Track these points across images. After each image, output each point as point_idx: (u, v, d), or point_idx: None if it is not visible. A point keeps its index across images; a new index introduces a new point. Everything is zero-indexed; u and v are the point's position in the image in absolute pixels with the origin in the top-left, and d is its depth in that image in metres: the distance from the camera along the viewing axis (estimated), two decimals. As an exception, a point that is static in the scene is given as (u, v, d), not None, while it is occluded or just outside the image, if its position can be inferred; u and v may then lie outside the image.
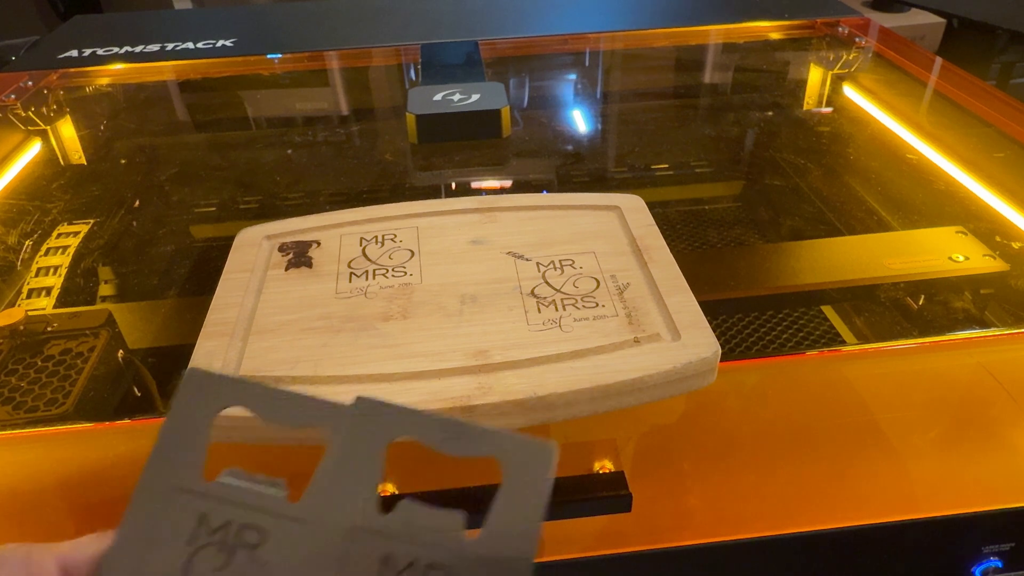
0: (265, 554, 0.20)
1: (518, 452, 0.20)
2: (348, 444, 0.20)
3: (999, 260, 0.49)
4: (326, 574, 0.19)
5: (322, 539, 0.20)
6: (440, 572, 0.19)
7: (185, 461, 0.20)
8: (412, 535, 0.20)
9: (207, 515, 0.20)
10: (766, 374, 0.41)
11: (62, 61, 0.83)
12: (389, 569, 0.19)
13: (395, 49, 0.87)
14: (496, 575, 0.19)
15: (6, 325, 0.45)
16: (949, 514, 0.33)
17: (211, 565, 0.19)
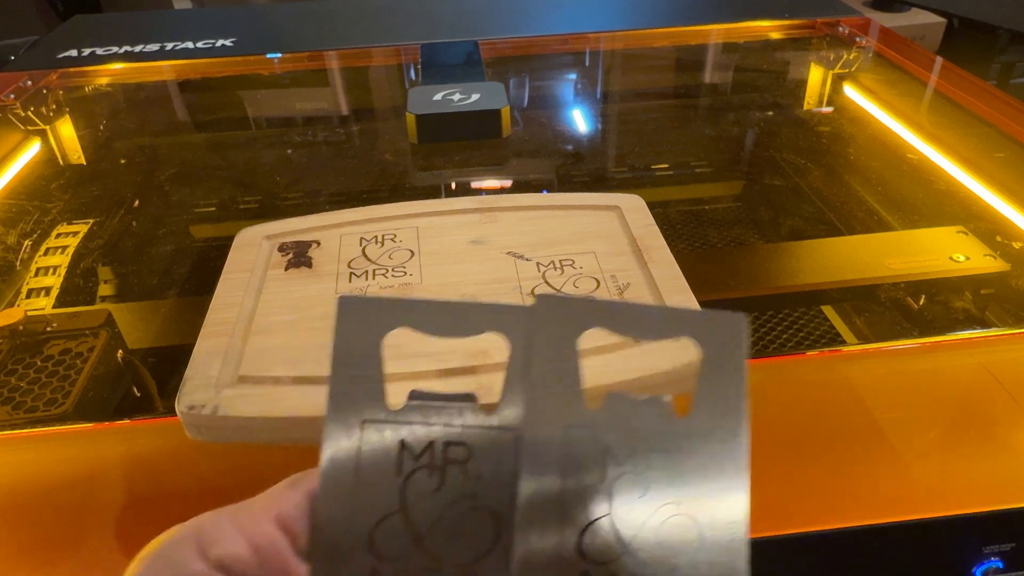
0: (477, 467, 0.19)
1: (711, 327, 0.19)
2: (538, 344, 0.19)
3: (1000, 260, 0.49)
4: (548, 478, 0.19)
5: (534, 444, 0.19)
6: (659, 455, 0.19)
7: (366, 393, 0.19)
8: (625, 424, 0.19)
9: (407, 441, 0.19)
10: (766, 374, 0.41)
11: (62, 61, 0.83)
12: (612, 462, 0.19)
13: (395, 49, 0.86)
14: (711, 451, 0.20)
15: (5, 325, 0.45)
16: (949, 514, 0.33)
17: (427, 489, 0.19)
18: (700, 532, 0.19)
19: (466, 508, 0.19)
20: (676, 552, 0.19)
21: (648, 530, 0.19)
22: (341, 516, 0.19)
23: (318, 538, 0.19)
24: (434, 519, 0.19)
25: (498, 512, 0.19)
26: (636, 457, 0.19)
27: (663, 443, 0.19)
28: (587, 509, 0.19)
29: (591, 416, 0.19)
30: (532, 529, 0.18)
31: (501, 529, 0.19)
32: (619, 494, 0.19)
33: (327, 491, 0.19)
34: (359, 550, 0.19)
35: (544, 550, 0.18)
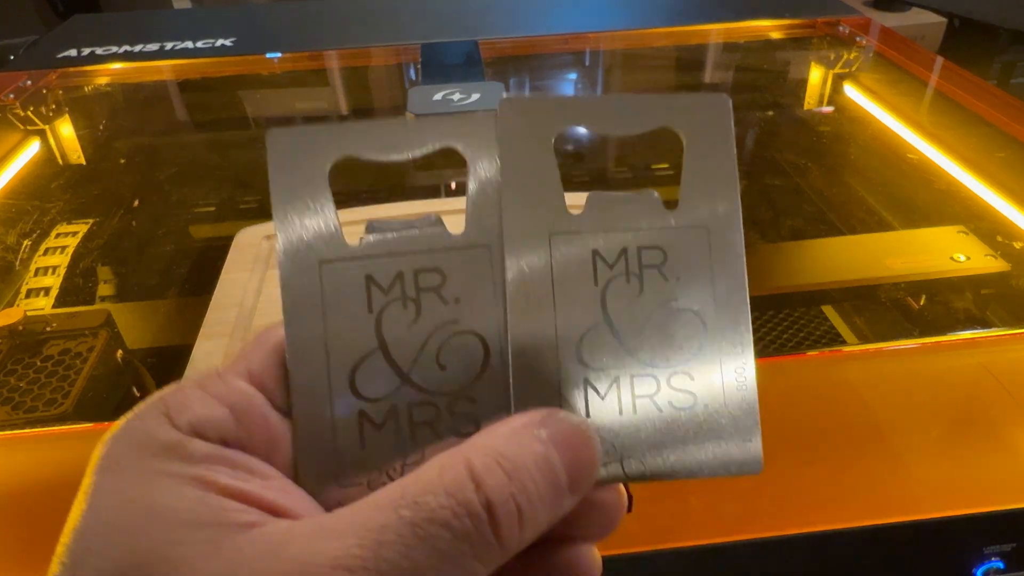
0: (454, 291, 0.18)
1: (692, 113, 0.18)
2: (508, 150, 0.18)
3: (1000, 260, 0.49)
4: (536, 289, 0.18)
5: (516, 255, 0.18)
6: (655, 252, 0.18)
7: (318, 232, 0.18)
8: (612, 224, 0.18)
9: (373, 276, 0.18)
10: (766, 374, 0.41)
11: (61, 60, 0.83)
12: (603, 264, 0.18)
13: (395, 49, 0.86)
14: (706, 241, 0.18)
15: (5, 325, 0.45)
16: (950, 515, 0.33)
17: (404, 322, 0.18)
18: (703, 323, 0.18)
19: (448, 335, 0.18)
20: (681, 347, 0.18)
21: (649, 329, 0.18)
22: (316, 364, 0.17)
23: (296, 390, 0.17)
24: (416, 351, 0.18)
25: (483, 333, 0.18)
26: (627, 257, 0.18)
27: (654, 239, 0.18)
28: (581, 316, 0.18)
29: (575, 220, 0.18)
30: (526, 344, 0.18)
31: (489, 350, 0.18)
32: (613, 297, 0.18)
33: (295, 341, 0.17)
34: (342, 395, 0.18)
35: (541, 364, 0.18)
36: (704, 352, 0.18)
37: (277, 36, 0.91)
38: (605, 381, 0.18)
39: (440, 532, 0.14)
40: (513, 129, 0.18)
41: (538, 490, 0.15)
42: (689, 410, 0.18)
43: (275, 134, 0.18)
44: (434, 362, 0.18)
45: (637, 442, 0.18)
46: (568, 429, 0.16)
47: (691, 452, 0.18)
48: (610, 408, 0.18)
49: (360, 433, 0.18)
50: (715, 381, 0.18)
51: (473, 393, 0.18)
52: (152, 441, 0.15)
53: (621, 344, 0.18)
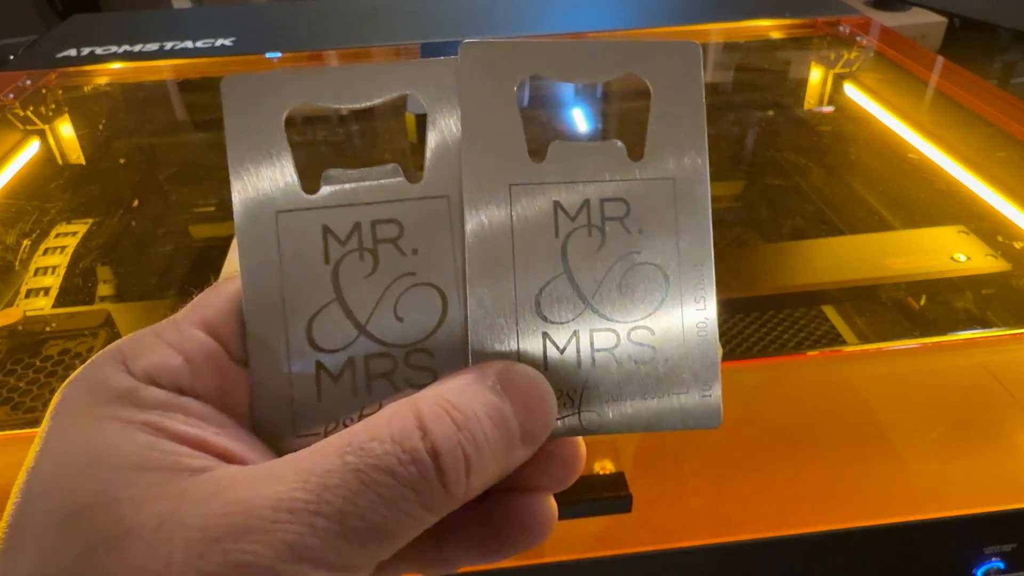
0: (411, 242, 0.18)
1: (660, 59, 0.18)
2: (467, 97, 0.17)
3: (1001, 260, 0.49)
4: (495, 239, 0.17)
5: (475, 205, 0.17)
6: (617, 203, 0.18)
7: (274, 181, 0.18)
8: (575, 175, 0.18)
9: (329, 226, 0.18)
10: (766, 374, 0.41)
11: (60, 60, 0.83)
12: (564, 216, 0.18)
13: (395, 49, 0.86)
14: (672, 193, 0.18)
15: (5, 325, 0.45)
16: (951, 515, 0.33)
17: (360, 273, 0.18)
18: (665, 277, 0.18)
19: (406, 286, 0.18)
20: (642, 301, 0.18)
21: (609, 283, 0.18)
22: (272, 315, 0.17)
23: (253, 341, 0.17)
24: (374, 303, 0.18)
25: (441, 285, 0.18)
26: (589, 209, 0.18)
27: (618, 191, 0.18)
28: (541, 269, 0.18)
29: (536, 170, 0.18)
30: (484, 296, 0.17)
31: (447, 302, 0.18)
32: (574, 249, 0.18)
33: (252, 291, 0.17)
34: (299, 347, 0.17)
35: (499, 316, 0.17)
36: (665, 306, 0.18)
37: (277, 36, 0.91)
38: (564, 334, 0.18)
39: (384, 478, 0.14)
40: (474, 75, 0.18)
41: (488, 440, 0.15)
42: (649, 364, 0.18)
43: (230, 81, 0.18)
44: (391, 314, 0.18)
45: (595, 395, 0.18)
46: (522, 381, 0.17)
47: (650, 405, 0.18)
48: (568, 361, 0.18)
49: (317, 384, 0.18)
50: (675, 336, 0.18)
51: (430, 345, 0.18)
52: (106, 387, 0.15)
53: (581, 297, 0.18)
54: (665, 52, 0.18)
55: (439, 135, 0.18)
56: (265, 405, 0.17)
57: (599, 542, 0.33)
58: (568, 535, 0.33)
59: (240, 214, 0.17)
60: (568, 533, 0.33)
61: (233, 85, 0.18)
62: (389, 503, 0.14)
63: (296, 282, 0.17)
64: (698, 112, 0.18)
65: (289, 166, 0.18)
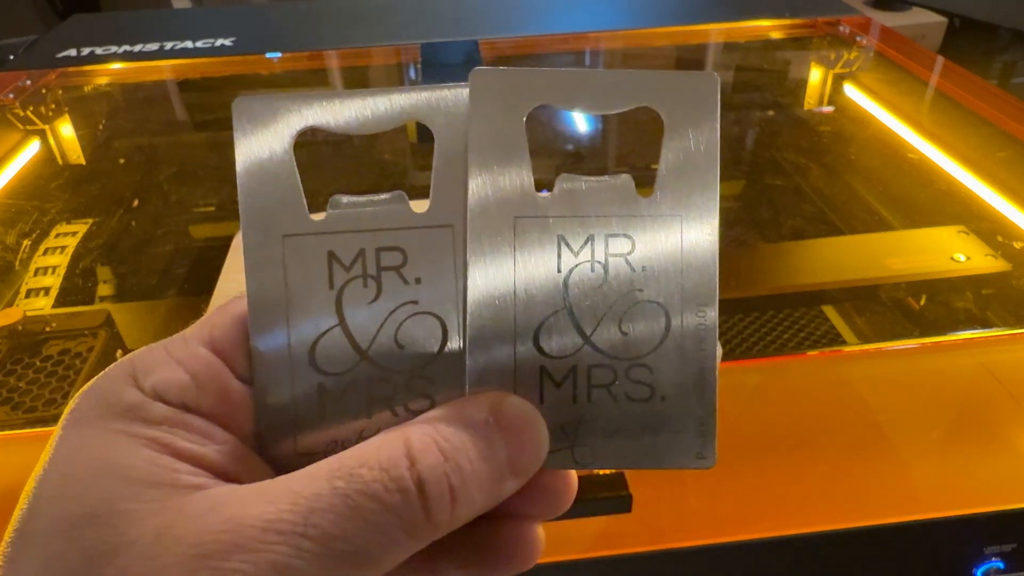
0: (415, 270, 0.18)
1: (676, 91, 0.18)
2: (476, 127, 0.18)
3: (1001, 260, 0.49)
4: (497, 273, 0.17)
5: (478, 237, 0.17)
6: (622, 240, 0.18)
7: (282, 204, 0.18)
8: (581, 209, 0.18)
9: (335, 251, 0.18)
10: (766, 374, 0.41)
11: (60, 60, 0.83)
12: (568, 251, 0.18)
13: (395, 48, 0.86)
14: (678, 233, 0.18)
15: (4, 325, 0.45)
16: (951, 515, 0.33)
17: (363, 299, 0.18)
18: (667, 318, 0.18)
19: (408, 314, 0.18)
20: (642, 339, 0.18)
21: (609, 320, 0.18)
22: (277, 336, 0.18)
23: (257, 360, 0.18)
24: (375, 329, 0.18)
25: (442, 314, 0.18)
26: (593, 245, 0.18)
27: (623, 228, 0.18)
28: (541, 303, 0.18)
29: (542, 204, 0.18)
30: (483, 328, 0.17)
31: (447, 331, 0.18)
32: (576, 285, 0.18)
33: (258, 312, 0.18)
34: (302, 369, 0.18)
35: (498, 348, 0.18)
36: (666, 346, 0.18)
37: (277, 36, 0.91)
38: (561, 369, 0.18)
39: (370, 504, 0.15)
40: (484, 103, 0.18)
41: (474, 471, 0.16)
42: (645, 403, 0.18)
43: (242, 102, 0.18)
44: (392, 341, 0.18)
45: (590, 431, 0.18)
46: (515, 413, 0.17)
47: (644, 443, 0.18)
48: (565, 396, 0.18)
49: (319, 405, 0.18)
50: (675, 376, 0.18)
51: (429, 373, 0.18)
52: (116, 401, 0.16)
53: (580, 333, 0.18)
54: (681, 84, 0.18)
55: (446, 164, 0.18)
56: (268, 424, 0.18)
57: (599, 542, 0.33)
58: (568, 535, 0.33)
59: (248, 236, 0.18)
60: (568, 533, 0.33)
61: (244, 105, 0.18)
62: (374, 528, 0.14)
63: (301, 305, 0.18)
64: (712, 147, 0.18)
65: (296, 190, 0.18)
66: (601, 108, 0.18)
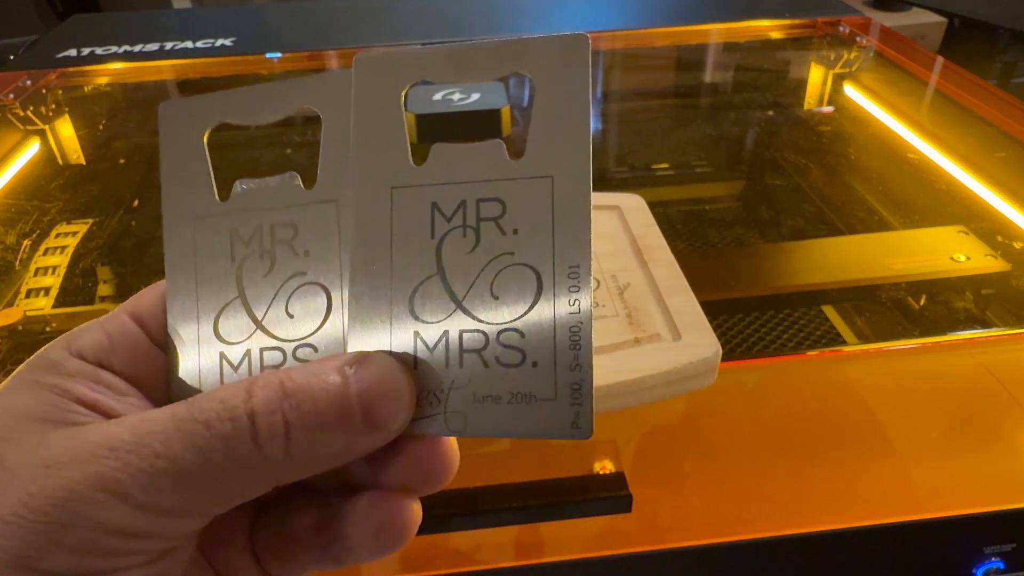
0: (304, 243, 0.19)
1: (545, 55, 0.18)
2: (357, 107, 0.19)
3: (1001, 260, 0.49)
4: (374, 242, 0.18)
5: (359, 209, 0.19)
6: (493, 204, 0.18)
7: (195, 189, 0.20)
8: (454, 176, 0.18)
9: (236, 229, 0.20)
10: (766, 374, 0.41)
11: (61, 60, 0.83)
12: (441, 217, 0.18)
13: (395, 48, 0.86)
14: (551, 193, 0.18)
15: (5, 325, 0.45)
16: (950, 515, 0.33)
17: (259, 273, 0.19)
18: (539, 281, 0.17)
19: (297, 285, 0.19)
20: (513, 303, 0.18)
21: (480, 284, 0.18)
22: (188, 309, 0.20)
23: (171, 330, 0.20)
24: (268, 300, 0.19)
25: (327, 284, 0.19)
26: (465, 209, 0.18)
27: (495, 191, 0.18)
28: (415, 269, 0.18)
29: (417, 173, 0.18)
30: (362, 295, 0.18)
31: (331, 300, 0.19)
32: (449, 250, 0.18)
33: (173, 287, 0.20)
34: (208, 338, 0.19)
35: (375, 315, 0.18)
36: (537, 309, 0.17)
37: (277, 36, 0.91)
38: (434, 334, 0.18)
39: (200, 430, 0.16)
40: (366, 85, 0.19)
41: (317, 411, 0.16)
42: (517, 368, 0.17)
43: (166, 106, 0.20)
44: (283, 311, 0.19)
45: (461, 397, 0.18)
46: (375, 367, 0.17)
47: (517, 412, 0.17)
48: (437, 360, 0.18)
49: (220, 371, 0.19)
50: (547, 341, 0.17)
51: (315, 340, 0.19)
52: (45, 359, 0.18)
53: (452, 298, 0.18)
54: (550, 47, 0.18)
55: (331, 143, 0.19)
56: (177, 387, 0.19)
57: (599, 542, 0.33)
58: (568, 535, 0.33)
59: (167, 220, 0.20)
60: (568, 533, 0.33)
61: (167, 109, 0.20)
62: (201, 454, 0.15)
63: (207, 280, 0.20)
64: (582, 107, 0.18)
65: (208, 178, 0.20)
66: (476, 78, 0.18)
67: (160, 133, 0.20)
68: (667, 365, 0.33)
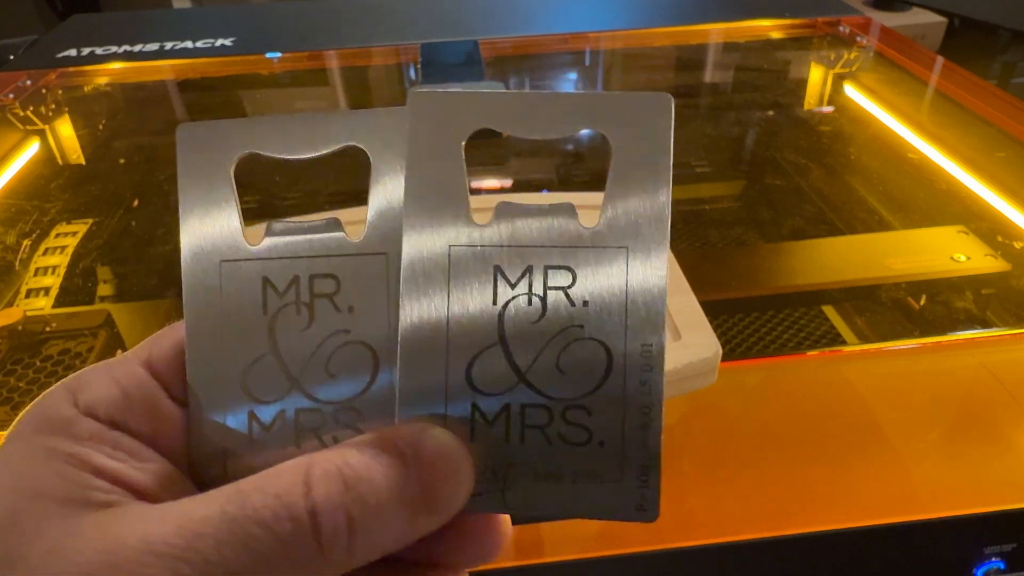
0: (347, 299, 0.17)
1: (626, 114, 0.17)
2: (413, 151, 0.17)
3: (1001, 260, 0.49)
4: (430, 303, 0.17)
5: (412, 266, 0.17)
6: (562, 272, 0.17)
7: (220, 228, 0.18)
8: (519, 239, 0.17)
9: (269, 278, 0.18)
10: (766, 374, 0.41)
11: (61, 60, 0.83)
12: (504, 282, 0.17)
13: (395, 48, 0.86)
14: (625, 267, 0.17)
15: (4, 325, 0.45)
16: (950, 515, 0.33)
17: (296, 327, 0.17)
18: (609, 357, 0.17)
19: (339, 344, 0.17)
20: (581, 379, 0.17)
21: (546, 357, 0.17)
22: (212, 361, 0.17)
23: (192, 384, 0.17)
24: (307, 357, 0.17)
25: (374, 344, 0.17)
26: (531, 277, 0.17)
27: (564, 260, 0.17)
28: (475, 336, 0.17)
29: (479, 232, 0.17)
30: (415, 360, 0.17)
31: (379, 362, 0.17)
32: (512, 319, 0.17)
33: (194, 337, 0.18)
34: (234, 394, 0.17)
35: (429, 382, 0.17)
36: (606, 387, 0.17)
37: (277, 36, 0.90)
38: (494, 407, 0.17)
39: (256, 532, 0.14)
40: (423, 127, 0.17)
41: (380, 504, 0.15)
42: (583, 447, 0.17)
43: (184, 129, 0.18)
44: (323, 370, 0.17)
45: (522, 473, 0.17)
46: (434, 444, 0.16)
47: (579, 491, 0.17)
48: (496, 435, 0.17)
49: (249, 432, 0.17)
50: (615, 420, 0.17)
51: (359, 404, 0.17)
52: (50, 417, 0.16)
53: (515, 369, 0.17)
54: (631, 106, 0.17)
55: (382, 190, 0.18)
56: (199, 448, 0.17)
57: (599, 542, 0.33)
58: (568, 535, 0.33)
59: (187, 262, 0.18)
60: (568, 533, 0.33)
61: (187, 132, 0.18)
62: (257, 557, 0.14)
63: (235, 331, 0.18)
64: (663, 173, 0.17)
65: (235, 216, 0.18)
66: (546, 133, 0.17)
67: (178, 159, 0.18)
68: (667, 365, 0.33)
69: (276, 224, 0.18)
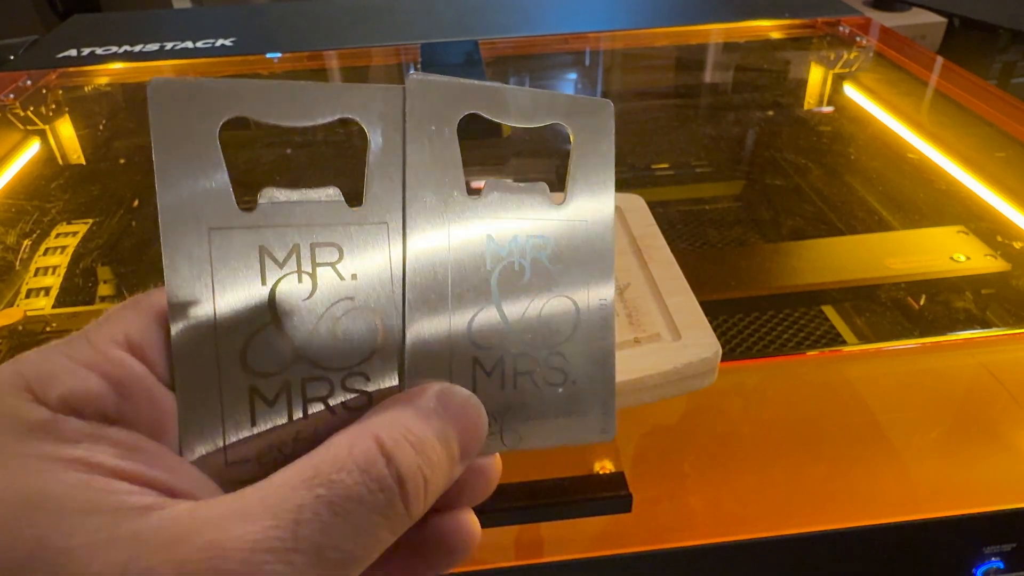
0: (351, 266, 0.18)
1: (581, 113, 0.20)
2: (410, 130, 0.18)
3: (1000, 260, 0.49)
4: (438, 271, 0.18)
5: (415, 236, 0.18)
6: (540, 240, 0.20)
7: (208, 195, 0.16)
8: (506, 212, 0.19)
9: (267, 246, 0.17)
10: (766, 374, 0.41)
11: (61, 60, 0.83)
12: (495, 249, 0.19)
13: (395, 49, 0.86)
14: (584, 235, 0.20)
15: (5, 325, 0.45)
16: (950, 515, 0.33)
17: (298, 296, 0.17)
18: (576, 309, 0.20)
19: (344, 311, 0.18)
20: (556, 330, 0.20)
21: (530, 312, 0.20)
22: (203, 337, 0.16)
23: (181, 364, 0.16)
24: (310, 326, 0.17)
25: (378, 310, 0.18)
26: (516, 244, 0.19)
27: (541, 229, 0.20)
28: (473, 298, 0.19)
29: (473, 206, 0.19)
30: (421, 324, 0.18)
31: (383, 327, 0.18)
32: (502, 281, 0.19)
33: (180, 312, 0.16)
34: (232, 371, 0.17)
35: (435, 343, 0.18)
36: (576, 334, 0.20)
37: (277, 36, 0.91)
38: (491, 359, 0.19)
39: (356, 508, 0.14)
40: (421, 108, 0.18)
41: (440, 461, 0.16)
42: (560, 386, 0.20)
43: (158, 84, 0.16)
44: (329, 338, 0.18)
45: (515, 415, 0.19)
46: (460, 402, 0.18)
47: (559, 425, 0.20)
48: (494, 384, 0.19)
49: (251, 409, 0.17)
50: (583, 361, 0.20)
51: (366, 369, 0.18)
52: (17, 421, 0.14)
53: (507, 325, 0.19)
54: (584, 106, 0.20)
55: (379, 162, 0.18)
56: (193, 432, 0.16)
57: (599, 542, 0.33)
58: (568, 535, 0.33)
59: (169, 230, 0.16)
60: (568, 533, 0.33)
61: (162, 88, 0.16)
62: (362, 531, 0.14)
63: (230, 303, 0.17)
64: (609, 162, 0.20)
65: (223, 180, 0.17)
66: (521, 122, 0.20)
67: (151, 119, 0.16)
68: (667, 365, 0.33)
69: (271, 191, 0.17)
